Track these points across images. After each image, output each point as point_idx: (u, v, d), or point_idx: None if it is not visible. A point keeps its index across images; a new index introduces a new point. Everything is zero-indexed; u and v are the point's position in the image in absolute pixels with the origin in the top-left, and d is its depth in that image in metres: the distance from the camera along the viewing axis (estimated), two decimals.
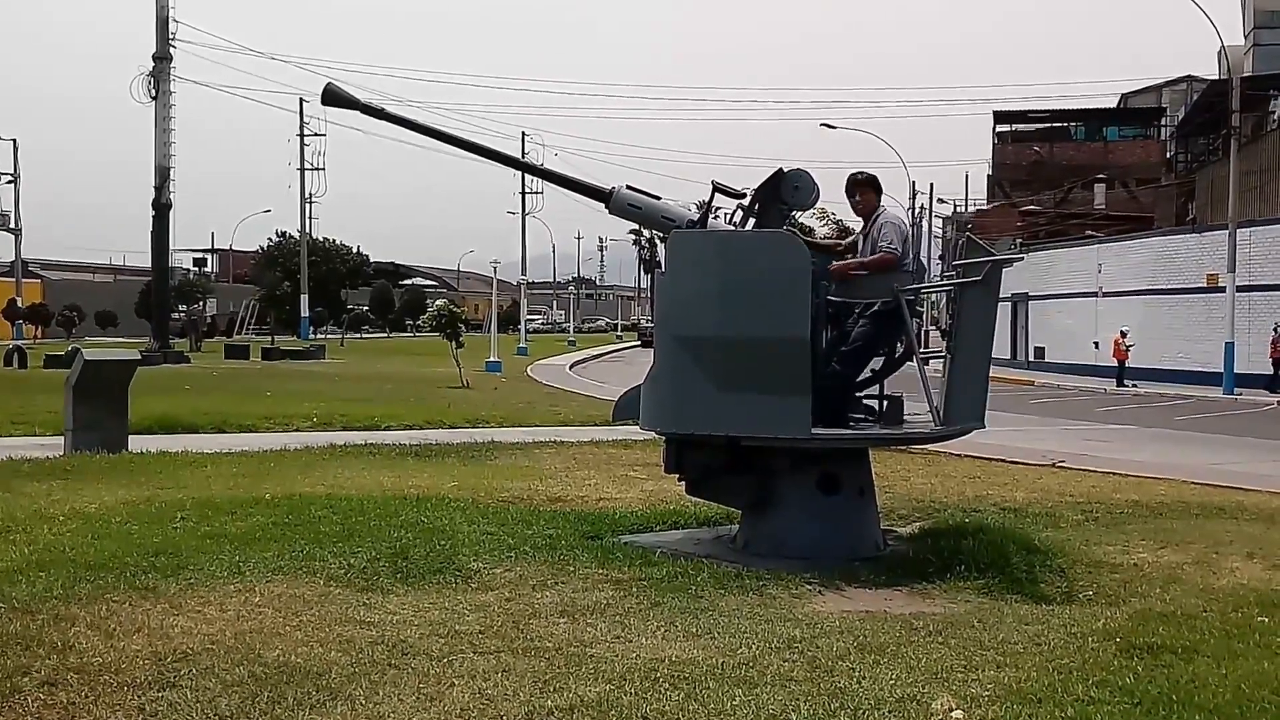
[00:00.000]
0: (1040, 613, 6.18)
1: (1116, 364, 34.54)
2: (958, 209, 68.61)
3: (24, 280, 73.59)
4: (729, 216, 8.10)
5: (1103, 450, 16.13)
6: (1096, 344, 37.81)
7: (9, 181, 71.20)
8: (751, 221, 7.91)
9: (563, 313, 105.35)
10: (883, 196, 8.07)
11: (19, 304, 67.31)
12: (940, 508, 9.58)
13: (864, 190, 7.99)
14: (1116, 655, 5.29)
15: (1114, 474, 12.41)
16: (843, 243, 8.43)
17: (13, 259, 73.95)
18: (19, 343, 45.34)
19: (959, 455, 13.07)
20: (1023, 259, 34.68)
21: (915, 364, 7.65)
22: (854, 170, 8.10)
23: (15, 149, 71.30)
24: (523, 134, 70.50)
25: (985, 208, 65.64)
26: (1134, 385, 33.52)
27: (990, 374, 7.67)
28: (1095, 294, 39.34)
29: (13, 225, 72.12)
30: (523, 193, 73.02)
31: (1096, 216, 53.43)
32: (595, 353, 53.88)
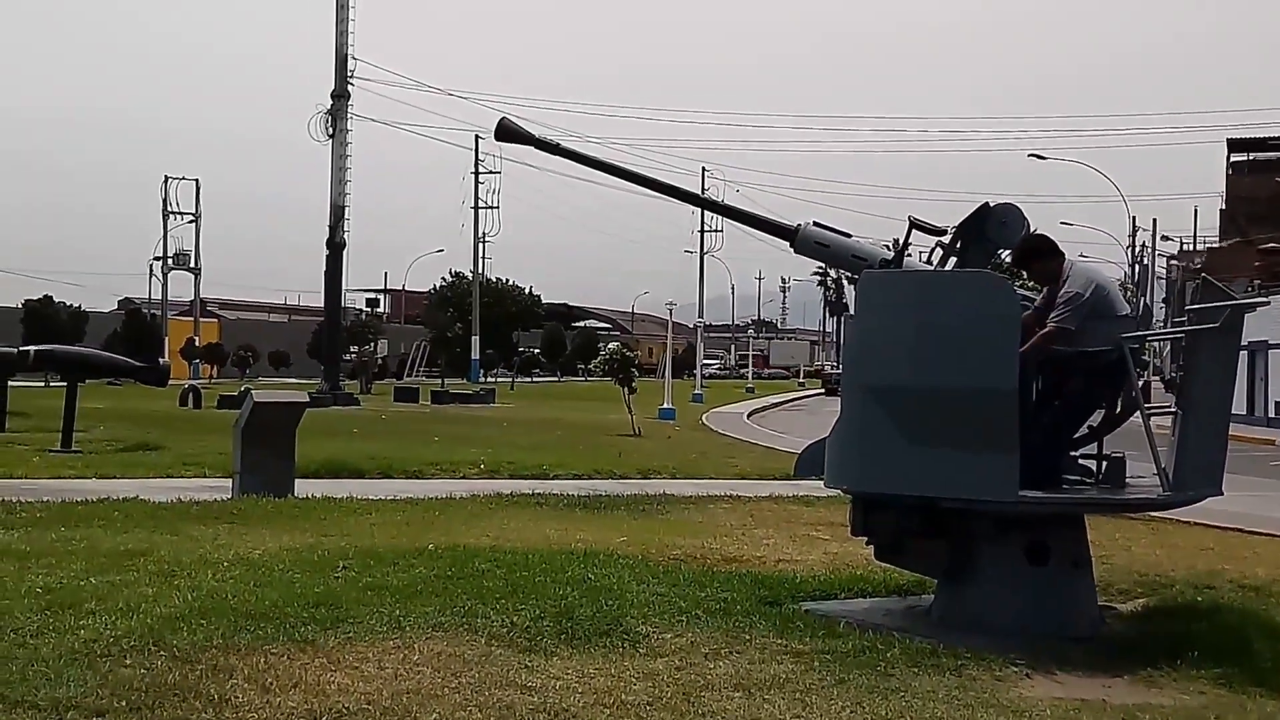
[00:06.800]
0: None
1: None
2: (1185, 247, 65.76)
3: (202, 320, 78.20)
4: (927, 256, 7.90)
5: None
6: None
7: (190, 221, 75.96)
8: (953, 261, 7.71)
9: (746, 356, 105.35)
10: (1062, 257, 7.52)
11: (196, 343, 71.49)
12: (1167, 583, 9.09)
13: (1041, 259, 7.53)
14: None
15: None
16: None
17: (192, 298, 78.75)
18: (194, 382, 48.05)
19: (1188, 523, 12.38)
20: (1268, 303, 32.72)
21: (1141, 420, 7.25)
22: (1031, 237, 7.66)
23: (197, 189, 76.09)
24: (703, 169, 71.23)
25: (1217, 245, 62.67)
26: None
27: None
28: None
29: (193, 265, 76.85)
30: (701, 231, 73.77)
31: None
32: (775, 400, 53.55)
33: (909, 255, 7.84)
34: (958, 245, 7.71)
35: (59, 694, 5.21)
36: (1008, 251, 7.93)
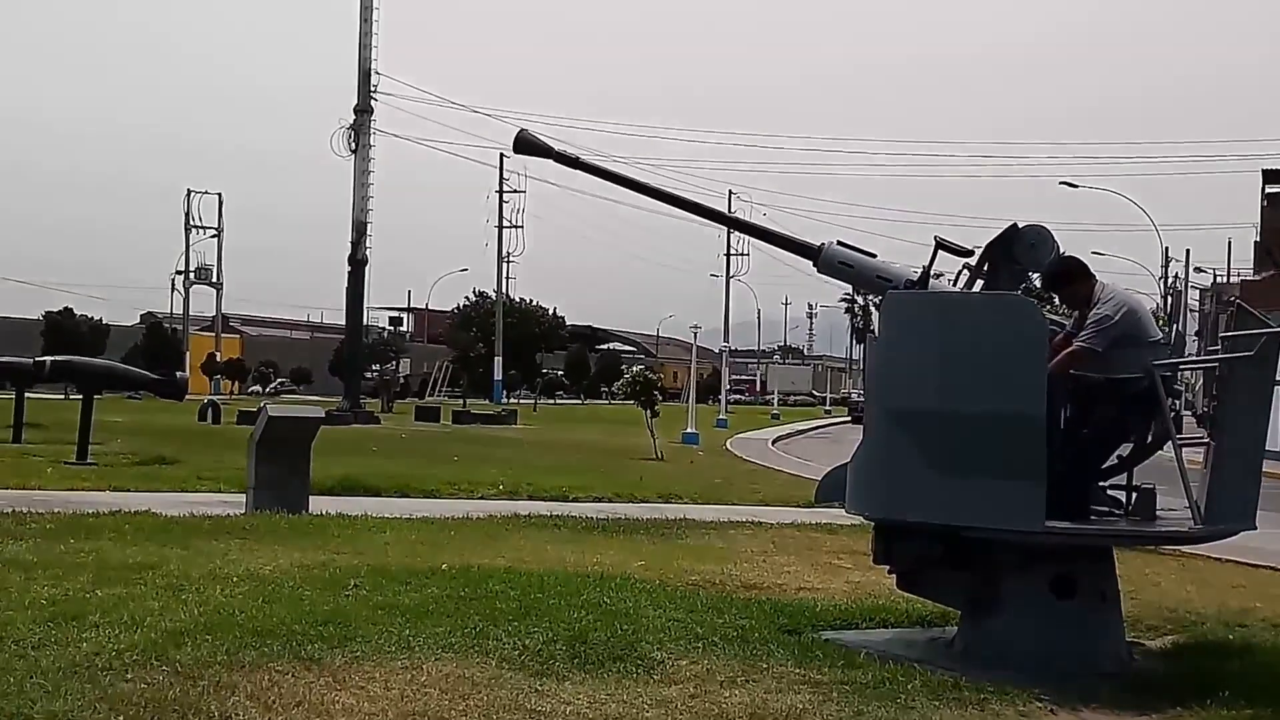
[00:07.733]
0: None
1: None
2: (1218, 279, 65.30)
3: (223, 335, 78.67)
4: (954, 278, 7.80)
5: None
6: None
7: (213, 235, 76.61)
8: (980, 283, 7.60)
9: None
10: (1094, 280, 7.43)
11: (217, 358, 71.93)
12: (1197, 620, 8.92)
13: (1072, 282, 7.46)
14: None
15: None
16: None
17: (214, 313, 79.29)
18: (213, 397, 48.28)
19: (1218, 559, 12.19)
20: None
21: (1173, 452, 7.12)
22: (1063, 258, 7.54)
23: (220, 203, 76.75)
24: (729, 191, 71.20)
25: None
26: None
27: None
28: None
29: (215, 279, 77.39)
30: (727, 254, 73.80)
31: None
32: (800, 427, 53.35)
33: (936, 277, 7.74)
34: (985, 267, 7.61)
35: (56, 707, 5.15)
36: (1037, 274, 7.81)
